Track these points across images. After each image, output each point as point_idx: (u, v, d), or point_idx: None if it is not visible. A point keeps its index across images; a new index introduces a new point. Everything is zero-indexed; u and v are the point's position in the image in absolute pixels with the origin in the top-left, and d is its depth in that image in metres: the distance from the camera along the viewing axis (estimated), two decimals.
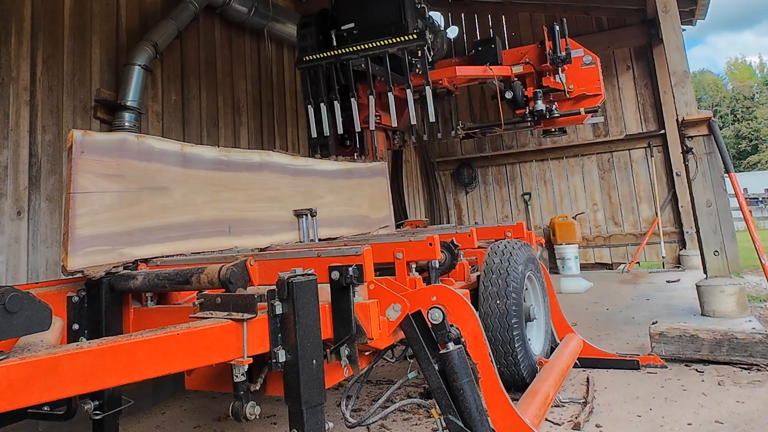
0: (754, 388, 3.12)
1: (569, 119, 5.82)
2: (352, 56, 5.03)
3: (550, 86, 5.77)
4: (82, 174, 2.15)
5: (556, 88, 5.74)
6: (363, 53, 5.01)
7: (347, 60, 5.06)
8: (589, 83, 5.80)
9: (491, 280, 3.06)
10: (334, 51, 5.15)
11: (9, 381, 1.17)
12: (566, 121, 5.80)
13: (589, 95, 5.75)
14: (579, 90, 5.76)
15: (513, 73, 5.98)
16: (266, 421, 3.13)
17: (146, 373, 1.43)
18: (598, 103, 5.65)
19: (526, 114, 5.70)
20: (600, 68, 5.76)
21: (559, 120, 5.74)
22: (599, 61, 5.88)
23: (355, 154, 5.17)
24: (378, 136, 5.52)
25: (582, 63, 5.84)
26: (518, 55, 6.09)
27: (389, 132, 5.85)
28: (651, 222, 9.06)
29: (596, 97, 5.78)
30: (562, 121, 5.81)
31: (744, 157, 46.46)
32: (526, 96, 5.77)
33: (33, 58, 4.06)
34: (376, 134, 5.47)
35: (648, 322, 4.10)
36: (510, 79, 5.97)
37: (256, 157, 3.20)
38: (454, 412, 2.08)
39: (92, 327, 2.12)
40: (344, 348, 1.95)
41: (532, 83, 5.93)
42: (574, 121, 5.80)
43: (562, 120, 5.77)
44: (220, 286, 1.86)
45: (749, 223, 4.89)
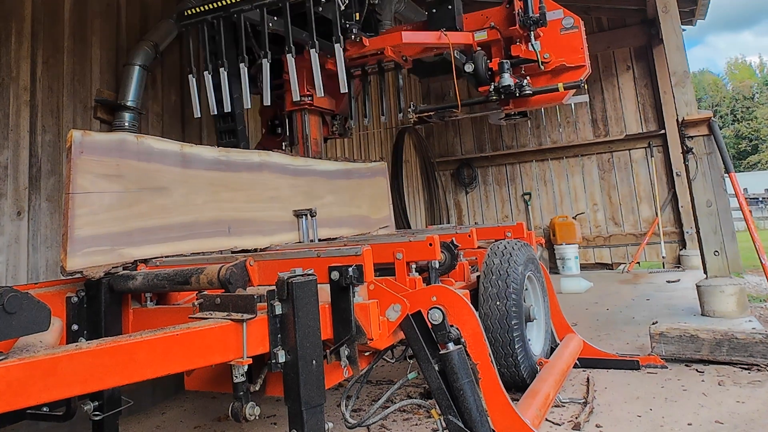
0: (755, 388, 3.11)
1: (545, 97, 4.47)
2: (244, 6, 3.89)
3: (520, 56, 4.50)
4: (81, 174, 2.14)
5: (528, 58, 4.48)
6: (258, 3, 3.84)
7: (238, 12, 3.90)
8: (570, 52, 4.45)
9: (491, 281, 3.06)
10: (221, 1, 3.98)
11: (8, 382, 1.16)
12: (542, 99, 4.51)
13: (570, 67, 4.41)
14: (557, 60, 4.46)
15: (475, 40, 4.68)
16: (266, 421, 3.13)
17: (145, 373, 1.43)
18: (582, 76, 4.34)
19: (491, 92, 4.35)
20: (584, 33, 4.54)
21: (533, 99, 4.48)
22: (583, 25, 4.68)
23: (284, 144, 4.37)
24: (311, 121, 4.40)
25: (561, 27, 4.55)
26: (482, 19, 4.83)
27: (326, 116, 4.68)
28: (651, 222, 9.06)
29: (579, 70, 4.43)
30: (536, 101, 4.54)
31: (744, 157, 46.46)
32: (490, 69, 4.44)
33: (33, 58, 4.06)
34: (309, 118, 4.37)
35: (648, 322, 4.10)
36: (472, 49, 4.70)
37: (256, 158, 3.20)
38: (454, 413, 2.08)
39: (91, 327, 2.12)
40: (344, 348, 1.95)
41: (499, 53, 4.67)
42: (551, 100, 4.50)
43: (537, 99, 4.48)
44: (219, 286, 1.86)
45: (749, 223, 4.89)
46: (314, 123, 4.48)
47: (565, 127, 9.93)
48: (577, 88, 4.35)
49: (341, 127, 4.87)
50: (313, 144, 4.38)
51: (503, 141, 10.40)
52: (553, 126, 10.02)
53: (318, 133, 4.52)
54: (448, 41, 4.48)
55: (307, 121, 4.39)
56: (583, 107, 9.79)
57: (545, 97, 4.50)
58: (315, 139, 4.43)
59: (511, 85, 4.26)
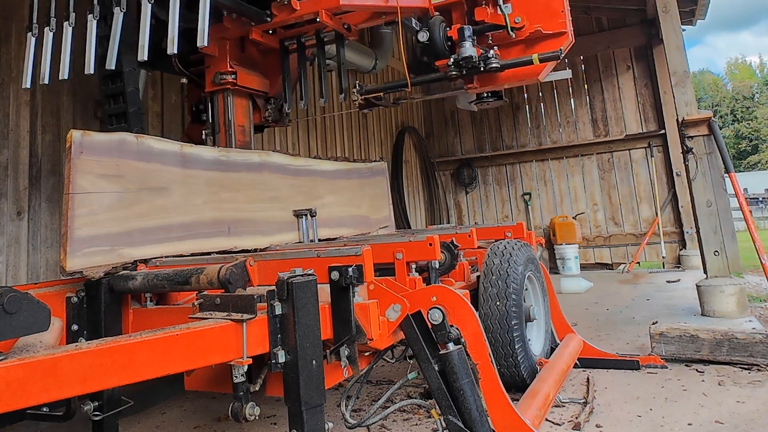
0: (755, 388, 3.11)
1: (517, 73, 3.59)
2: None
3: (486, 21, 3.64)
4: (81, 174, 2.14)
5: (495, 24, 3.61)
6: None
7: None
8: (548, 15, 3.63)
9: (491, 281, 3.06)
10: None
11: (7, 382, 1.16)
12: (513, 75, 3.60)
13: (548, 34, 3.58)
14: (531, 27, 3.61)
15: (432, 3, 3.85)
16: (266, 421, 3.13)
17: (145, 373, 1.43)
18: (562, 45, 3.50)
19: (450, 66, 3.44)
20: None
21: (503, 75, 3.57)
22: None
23: (204, 132, 3.69)
24: (236, 104, 3.67)
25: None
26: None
27: (257, 99, 3.91)
28: (651, 222, 9.06)
29: (559, 38, 3.60)
30: (507, 77, 3.61)
31: (744, 157, 46.48)
32: (449, 38, 3.50)
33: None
34: (233, 101, 3.65)
35: (648, 322, 4.10)
36: (428, 14, 3.85)
37: (256, 158, 3.20)
38: (454, 413, 2.08)
39: (91, 328, 2.12)
40: (344, 348, 1.95)
41: (461, 19, 3.82)
42: (525, 75, 3.61)
43: (508, 75, 3.59)
44: (219, 286, 1.86)
45: (749, 223, 4.89)
46: (240, 107, 3.74)
47: (565, 127, 9.93)
48: (556, 60, 3.46)
49: (277, 113, 4.01)
50: (238, 132, 3.66)
51: (503, 141, 10.40)
52: (553, 126, 10.03)
53: (245, 119, 3.77)
54: (397, 4, 3.63)
55: (230, 105, 3.66)
56: (583, 107, 9.80)
57: (517, 73, 3.60)
58: (241, 127, 3.71)
59: (474, 56, 3.35)
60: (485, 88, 3.78)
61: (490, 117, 10.54)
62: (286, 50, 3.74)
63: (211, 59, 3.62)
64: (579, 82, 9.86)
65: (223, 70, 3.56)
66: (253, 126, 3.88)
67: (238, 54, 3.72)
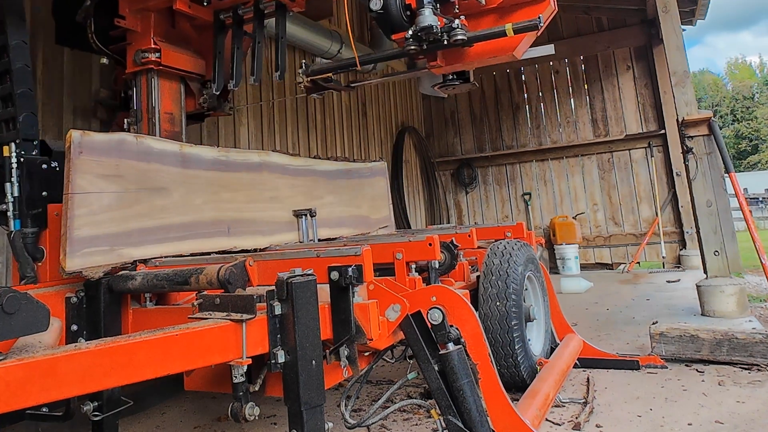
0: (755, 388, 3.11)
1: (488, 47, 3.01)
2: None
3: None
4: (80, 174, 2.14)
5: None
6: None
7: None
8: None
9: (491, 281, 3.06)
10: None
11: (6, 382, 1.16)
12: (483, 51, 3.03)
13: (524, 1, 3.05)
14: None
15: None
16: (266, 421, 3.13)
17: (145, 374, 1.43)
18: (542, 13, 2.88)
19: (408, 39, 2.89)
20: None
21: (472, 51, 3.03)
22: None
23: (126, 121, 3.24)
24: (162, 87, 3.19)
25: None
26: None
27: (190, 82, 3.40)
28: (651, 222, 9.06)
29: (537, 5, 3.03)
30: (477, 53, 3.05)
31: (744, 157, 46.48)
32: (407, 6, 2.92)
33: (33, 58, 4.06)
34: (158, 83, 3.16)
35: (648, 322, 4.09)
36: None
37: (256, 158, 3.20)
38: (453, 413, 2.07)
39: (91, 328, 2.12)
40: (344, 348, 1.95)
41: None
42: (498, 51, 3.02)
43: (478, 50, 3.04)
44: (219, 286, 1.86)
45: (749, 223, 4.89)
46: (167, 91, 3.22)
47: (565, 127, 9.93)
48: (533, 30, 2.82)
49: (214, 99, 3.43)
50: (164, 120, 3.15)
51: (503, 141, 10.40)
52: (553, 126, 10.03)
53: (174, 106, 3.26)
54: None
55: (155, 88, 3.15)
56: (583, 107, 9.80)
57: (489, 47, 2.99)
58: (168, 114, 3.20)
59: (435, 27, 2.78)
60: (452, 66, 3.14)
61: (490, 117, 10.54)
62: (221, 24, 3.28)
63: (133, 35, 3.13)
64: (579, 82, 9.86)
65: (146, 47, 3.07)
66: (184, 114, 3.35)
67: (166, 29, 3.23)
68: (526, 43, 3.05)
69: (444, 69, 3.17)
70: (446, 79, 3.31)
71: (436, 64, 3.09)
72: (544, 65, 10.11)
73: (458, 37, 2.82)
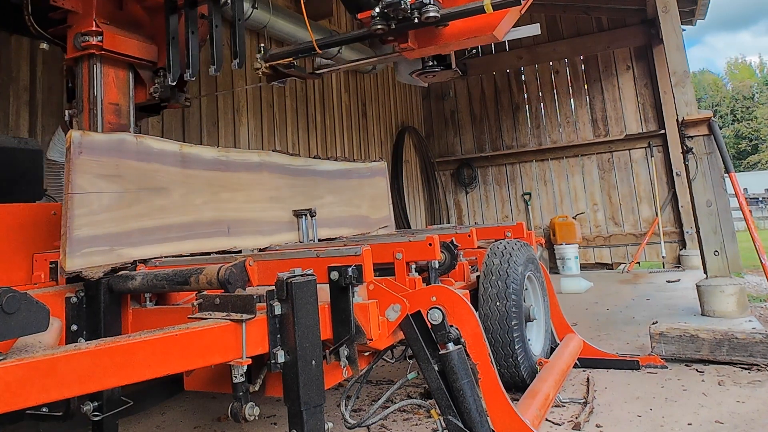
0: (755, 388, 3.11)
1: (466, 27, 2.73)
2: None
3: None
4: (80, 174, 2.14)
5: None
6: None
7: None
8: None
9: (491, 281, 3.06)
10: None
11: (6, 382, 1.16)
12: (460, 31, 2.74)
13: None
14: None
15: None
16: (266, 421, 3.13)
17: (145, 374, 1.43)
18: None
19: (375, 18, 2.65)
20: None
21: (448, 31, 2.76)
22: None
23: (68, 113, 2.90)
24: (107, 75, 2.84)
25: None
26: None
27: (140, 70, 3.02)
28: (651, 222, 9.06)
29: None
30: (452, 33, 2.77)
31: (744, 157, 46.48)
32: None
33: (33, 59, 4.06)
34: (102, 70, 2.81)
35: (648, 322, 4.09)
36: None
37: (256, 158, 3.20)
38: (453, 413, 2.07)
39: (91, 328, 2.11)
40: (343, 348, 1.95)
41: None
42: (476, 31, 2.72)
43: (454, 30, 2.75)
44: (219, 286, 1.86)
45: (749, 223, 4.89)
46: (112, 79, 2.88)
47: (565, 127, 9.93)
48: (515, 5, 2.51)
49: (165, 89, 3.01)
50: (108, 112, 2.82)
51: (503, 141, 10.40)
52: (553, 126, 10.03)
53: (121, 96, 2.91)
54: None
55: (97, 76, 2.79)
56: (583, 107, 9.80)
57: (467, 26, 2.67)
58: (113, 105, 2.85)
59: (404, 2, 2.49)
60: (426, 50, 2.84)
61: (490, 117, 10.54)
62: (172, 5, 2.89)
63: (73, 16, 2.80)
64: (579, 82, 9.86)
65: (86, 30, 2.73)
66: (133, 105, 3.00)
67: (111, 10, 2.89)
68: (508, 22, 2.76)
69: (417, 53, 2.88)
70: (425, 66, 3.03)
71: (407, 46, 2.79)
72: (544, 65, 10.11)
73: (430, 14, 2.53)
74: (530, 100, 10.27)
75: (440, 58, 3.01)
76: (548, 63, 10.06)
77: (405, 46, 2.81)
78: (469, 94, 10.69)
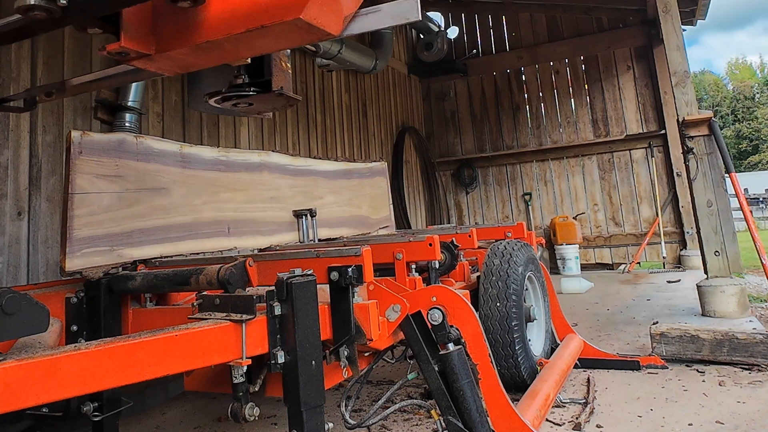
0: (755, 389, 3.11)
1: (240, 7, 1.28)
2: None
3: None
4: (80, 175, 2.14)
5: None
6: None
7: None
8: None
9: (491, 282, 3.06)
10: None
11: (6, 383, 1.16)
12: (230, 13, 1.29)
13: None
14: None
15: None
16: (266, 421, 3.12)
17: (145, 374, 1.43)
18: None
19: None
20: None
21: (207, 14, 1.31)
22: None
23: None
24: None
25: None
26: None
27: None
28: (651, 222, 9.05)
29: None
30: (217, 18, 1.30)
31: (745, 158, 46.46)
32: None
33: (33, 58, 4.06)
34: None
35: (649, 322, 4.09)
36: None
37: (256, 158, 3.20)
38: (454, 413, 2.07)
39: (91, 328, 2.11)
40: (343, 349, 1.95)
41: None
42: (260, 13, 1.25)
43: (217, 11, 1.30)
44: (219, 286, 1.86)
45: (750, 223, 4.88)
46: None
47: (565, 127, 9.93)
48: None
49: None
50: None
51: (503, 141, 10.39)
52: (554, 126, 10.03)
53: None
54: None
55: None
56: (583, 107, 9.79)
57: (244, 6, 1.28)
58: None
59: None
60: (168, 55, 1.40)
61: (490, 117, 10.54)
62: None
63: None
64: (579, 82, 9.86)
65: None
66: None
67: None
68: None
69: (157, 63, 1.44)
70: (231, 86, 1.72)
71: (122, 48, 1.33)
72: (545, 65, 10.10)
73: None
74: (530, 100, 10.26)
75: (255, 73, 1.71)
76: (548, 63, 10.06)
77: (117, 48, 1.33)
78: (469, 94, 10.69)
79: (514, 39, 10.38)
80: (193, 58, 1.44)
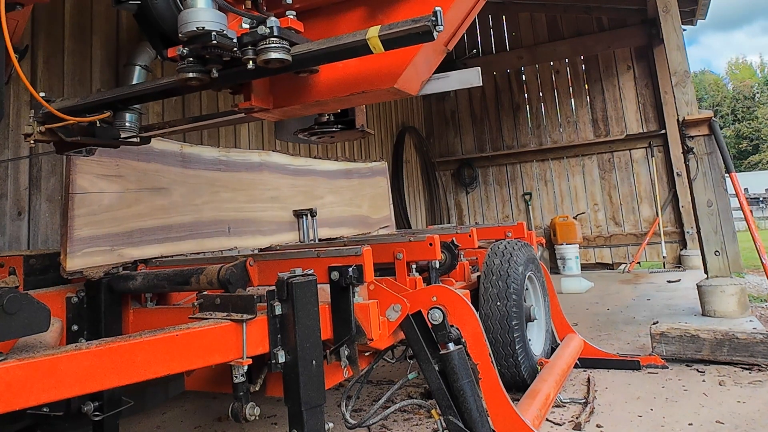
0: (755, 389, 3.11)
1: (343, 76, 1.69)
2: None
3: None
4: (81, 175, 2.14)
5: None
6: None
7: None
8: None
9: (491, 281, 3.06)
10: None
11: (7, 382, 1.16)
12: (337, 82, 1.71)
13: None
14: None
15: None
16: (267, 421, 3.13)
17: (145, 374, 1.43)
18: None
19: (182, 59, 1.52)
20: None
21: (318, 81, 1.74)
22: None
23: None
24: None
25: None
26: None
27: None
28: (652, 222, 9.05)
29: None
30: (326, 85, 1.73)
31: (745, 157, 46.44)
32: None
33: (33, 58, 4.06)
34: None
35: (649, 322, 4.09)
36: None
37: (256, 157, 3.20)
38: (454, 413, 2.07)
39: (91, 328, 2.12)
40: (344, 349, 1.95)
41: None
42: (372, 83, 1.66)
43: (327, 80, 1.73)
44: (219, 286, 1.86)
45: (750, 223, 4.88)
46: None
47: (565, 127, 9.93)
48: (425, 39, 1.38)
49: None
50: None
51: (504, 141, 10.39)
52: (554, 126, 10.02)
53: None
54: None
55: None
56: (583, 107, 9.79)
57: (348, 75, 1.68)
58: None
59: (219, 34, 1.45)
60: (286, 110, 1.82)
61: (490, 117, 10.54)
62: None
63: None
64: (579, 82, 9.86)
65: None
66: None
67: None
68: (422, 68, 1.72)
69: (272, 115, 1.84)
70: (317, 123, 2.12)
71: (252, 106, 1.73)
72: (545, 65, 10.11)
73: (271, 56, 1.47)
74: (531, 100, 10.26)
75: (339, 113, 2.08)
76: (549, 63, 10.06)
77: (247, 106, 1.73)
78: (469, 94, 10.68)
79: (514, 39, 10.38)
80: (300, 111, 1.88)
